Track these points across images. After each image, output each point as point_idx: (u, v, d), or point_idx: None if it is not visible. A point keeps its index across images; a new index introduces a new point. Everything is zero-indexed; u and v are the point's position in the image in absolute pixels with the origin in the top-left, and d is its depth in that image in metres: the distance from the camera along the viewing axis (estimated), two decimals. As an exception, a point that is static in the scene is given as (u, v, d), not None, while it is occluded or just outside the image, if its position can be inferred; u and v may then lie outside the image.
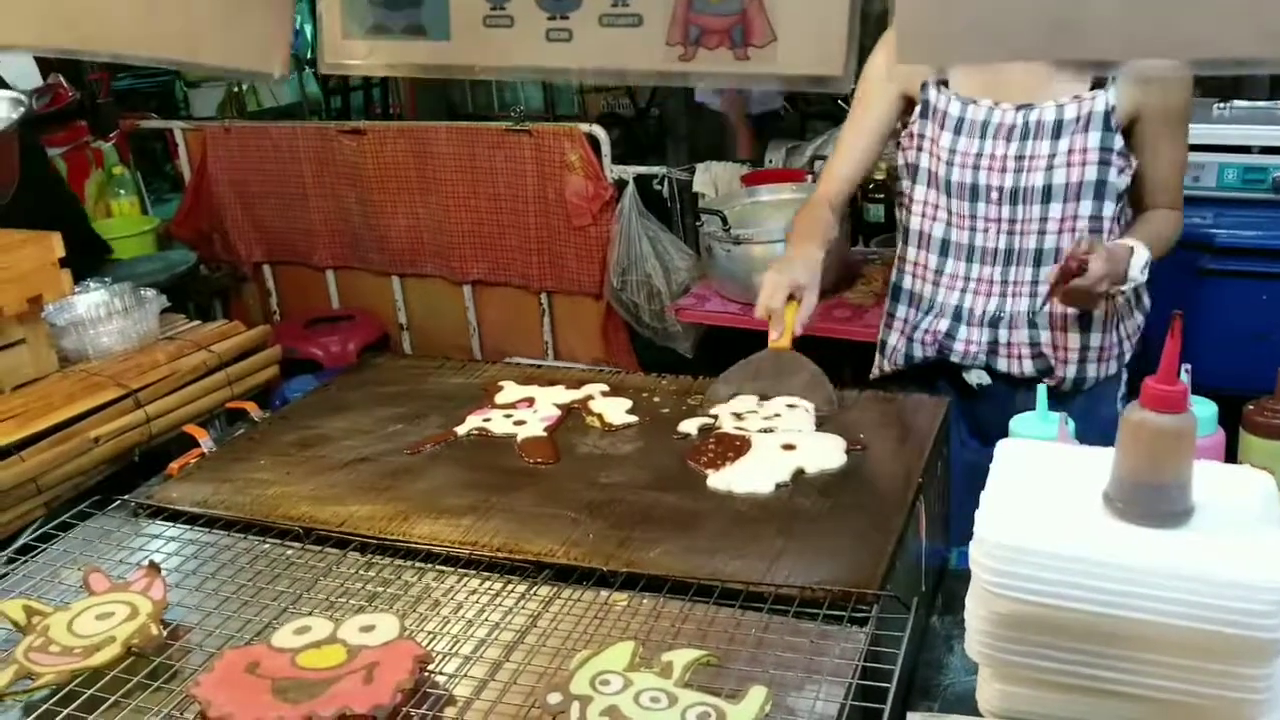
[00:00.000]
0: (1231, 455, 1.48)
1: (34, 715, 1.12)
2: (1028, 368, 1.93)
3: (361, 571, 1.35)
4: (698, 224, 3.11)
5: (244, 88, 6.60)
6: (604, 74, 0.86)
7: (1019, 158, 1.82)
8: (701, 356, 3.55)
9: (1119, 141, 1.80)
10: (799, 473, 1.50)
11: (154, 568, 1.32)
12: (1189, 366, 1.23)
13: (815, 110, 6.13)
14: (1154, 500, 1.04)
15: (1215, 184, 2.67)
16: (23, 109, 2.06)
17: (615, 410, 1.73)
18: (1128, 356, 1.98)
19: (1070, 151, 1.80)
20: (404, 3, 0.92)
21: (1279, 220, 2.58)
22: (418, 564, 1.36)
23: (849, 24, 0.75)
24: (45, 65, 4.04)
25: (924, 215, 1.95)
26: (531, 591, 1.29)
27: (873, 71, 1.96)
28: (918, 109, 1.92)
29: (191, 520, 1.51)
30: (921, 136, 1.91)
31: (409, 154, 3.83)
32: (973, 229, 1.89)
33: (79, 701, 1.13)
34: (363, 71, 0.99)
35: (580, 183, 3.57)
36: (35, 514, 1.76)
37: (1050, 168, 1.81)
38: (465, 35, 0.90)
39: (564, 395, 1.80)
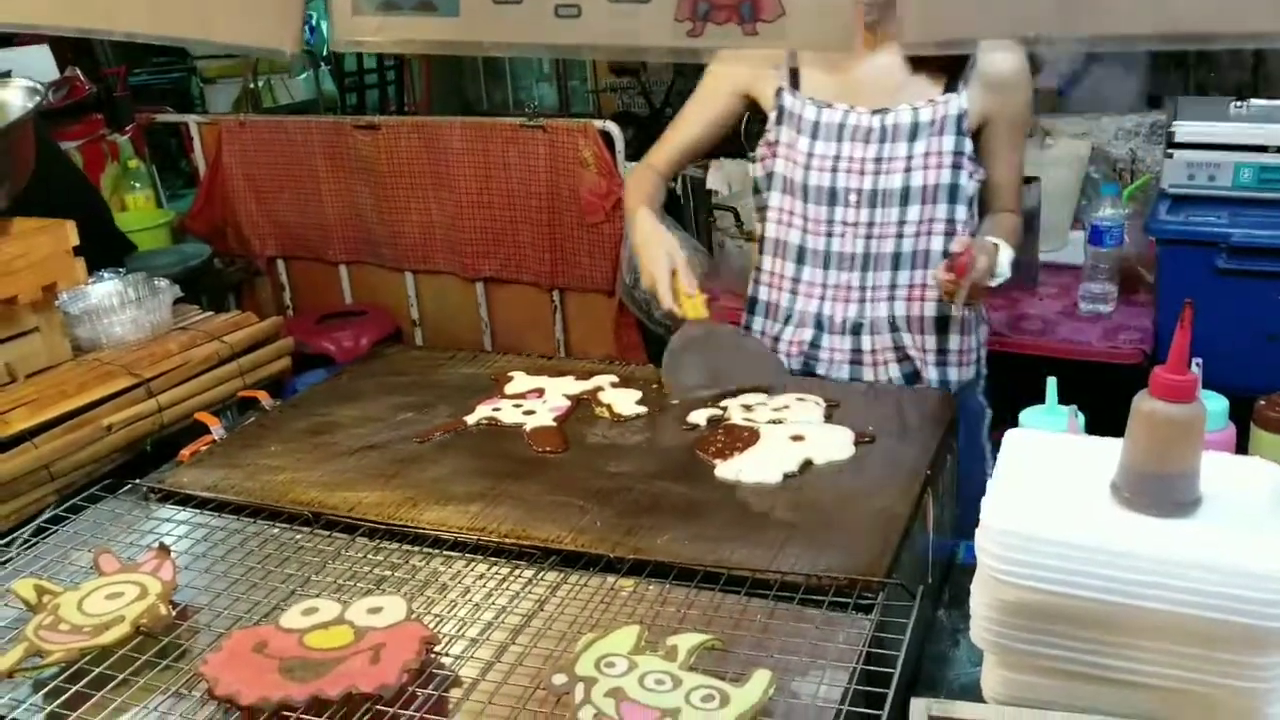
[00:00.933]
0: (1242, 452, 1.47)
1: (43, 692, 1.14)
2: (894, 373, 1.92)
3: (370, 556, 1.36)
4: (710, 221, 3.11)
5: (259, 84, 6.62)
6: (613, 50, 0.87)
7: (877, 160, 1.82)
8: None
9: (969, 146, 1.83)
10: (807, 464, 1.50)
11: (164, 549, 1.33)
12: (1199, 362, 1.23)
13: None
14: (1162, 490, 1.03)
15: (1231, 183, 2.65)
16: (38, 98, 2.07)
17: (624, 401, 1.74)
18: (983, 362, 2.03)
19: (926, 154, 1.81)
20: (414, -21, 0.93)
21: (1295, 220, 2.57)
22: (426, 549, 1.37)
23: (856, -1, 0.75)
24: (62, 59, 4.06)
25: (780, 222, 1.92)
26: (538, 576, 1.29)
27: (719, 66, 1.97)
28: (772, 116, 1.91)
29: (201, 505, 1.52)
30: (777, 143, 1.90)
31: (422, 149, 3.83)
32: (829, 234, 1.87)
33: (88, 679, 1.14)
34: (373, 49, 1.00)
35: (594, 179, 3.57)
36: (47, 500, 1.77)
37: (908, 170, 1.82)
38: (475, 12, 0.90)
39: (573, 386, 1.80)
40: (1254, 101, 2.76)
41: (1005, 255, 1.78)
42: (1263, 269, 2.56)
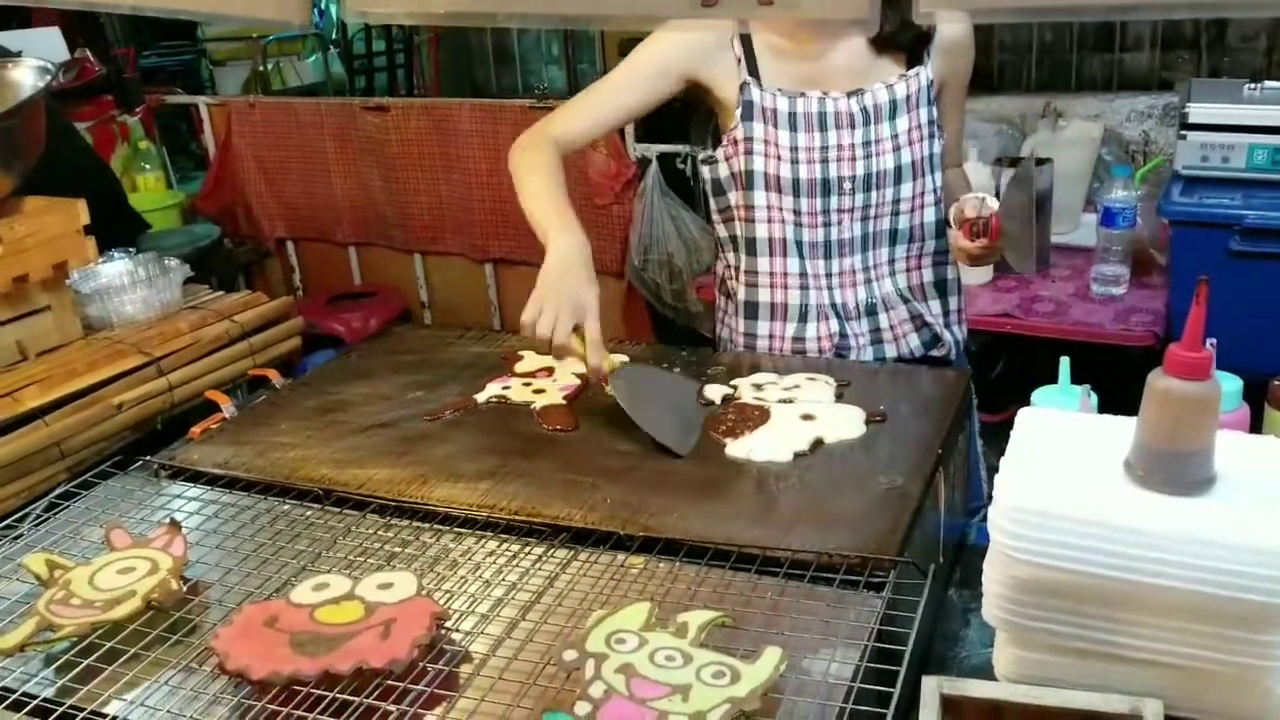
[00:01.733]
0: (1256, 433, 1.46)
1: (54, 665, 1.14)
2: (914, 343, 1.90)
3: (380, 533, 1.36)
4: (721, 203, 3.10)
5: (268, 66, 6.61)
6: (626, 20, 0.86)
7: (866, 144, 1.78)
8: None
9: (935, 113, 1.83)
10: (818, 442, 1.50)
11: (175, 525, 1.33)
12: (1214, 342, 1.22)
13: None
14: (1176, 467, 1.03)
15: (1245, 165, 2.64)
16: (49, 77, 2.07)
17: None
18: (966, 318, 2.02)
19: (910, 130, 1.80)
20: (426, -52, 0.92)
21: (1310, 202, 2.55)
22: (436, 526, 1.37)
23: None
24: (72, 40, 4.07)
25: (769, 221, 1.84)
26: (549, 554, 1.29)
27: (654, 46, 1.81)
28: (737, 112, 1.80)
29: (212, 481, 1.52)
30: (749, 140, 1.80)
31: (432, 131, 3.83)
32: (826, 224, 1.82)
33: (99, 653, 1.14)
34: (385, 20, 0.98)
35: (603, 161, 3.56)
36: (59, 478, 1.78)
37: (897, 148, 1.79)
38: (488, -18, 0.89)
39: (583, 366, 1.79)
40: (1268, 84, 2.74)
41: (992, 204, 1.77)
42: (1276, 251, 2.54)
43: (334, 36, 7.73)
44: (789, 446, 1.48)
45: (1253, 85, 2.72)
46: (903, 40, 1.78)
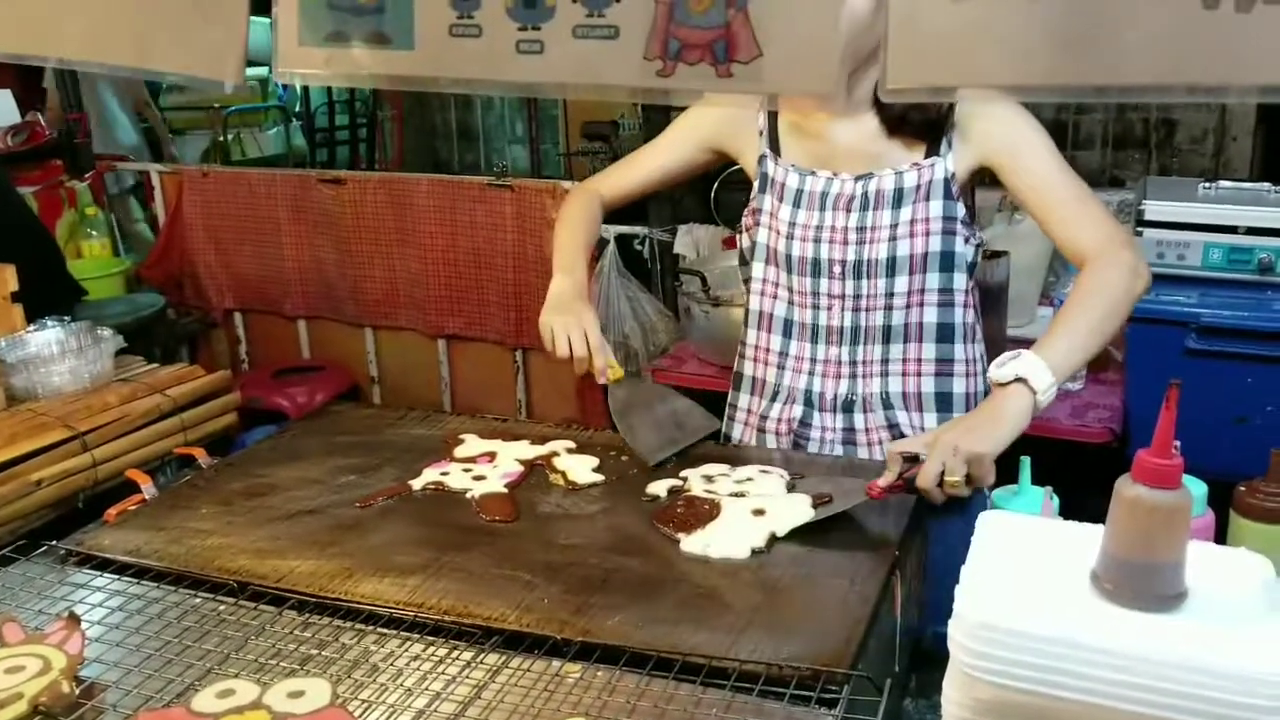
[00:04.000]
0: (1220, 540, 1.42)
1: (-79, 779, 1.03)
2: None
3: (297, 632, 1.26)
4: (677, 285, 3.07)
5: (228, 137, 6.58)
6: (577, 89, 0.81)
7: (860, 229, 1.73)
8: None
9: (961, 210, 1.72)
10: (772, 538, 1.43)
11: (74, 619, 1.23)
12: (1178, 444, 1.18)
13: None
14: (1146, 581, 0.97)
15: (1200, 263, 2.64)
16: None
17: (581, 468, 1.66)
18: None
19: (912, 221, 1.70)
20: (366, 9, 0.87)
21: (1264, 302, 2.55)
22: (358, 625, 1.27)
23: (840, 38, 0.69)
24: (25, 104, 4.00)
25: (764, 294, 1.83)
26: (478, 659, 1.20)
27: (691, 117, 1.92)
28: (755, 184, 1.84)
29: (121, 570, 1.42)
30: (759, 211, 1.83)
31: (388, 205, 3.78)
32: (816, 306, 1.78)
33: (-27, 765, 1.03)
34: (320, 81, 0.94)
35: (560, 240, 3.53)
36: (-31, 558, 1.67)
37: (894, 239, 1.71)
38: (431, 45, 0.84)
39: (527, 451, 1.72)
40: (1222, 183, 2.76)
41: (1041, 381, 1.49)
42: (1232, 350, 2.54)
43: (297, 109, 7.73)
44: (746, 542, 1.41)
45: (1207, 184, 2.74)
46: (914, 122, 1.70)
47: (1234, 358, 2.53)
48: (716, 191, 3.53)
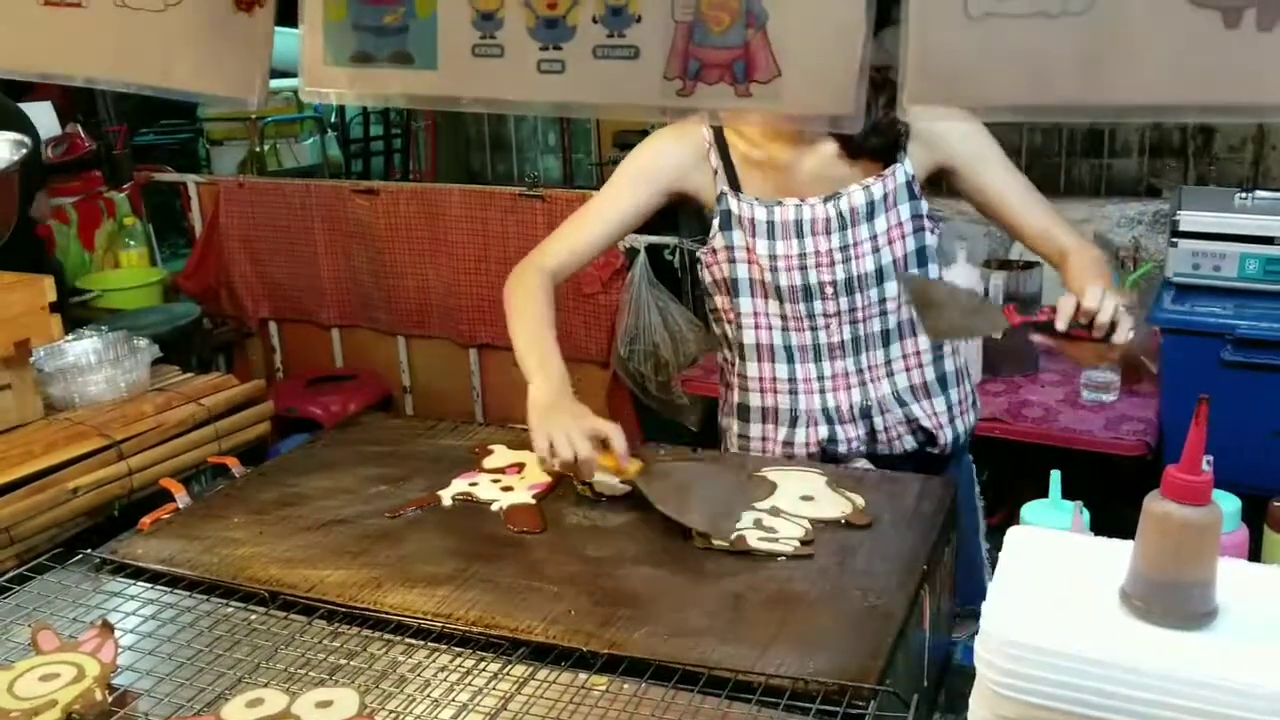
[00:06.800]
0: (1254, 555, 1.40)
1: (-42, 784, 1.04)
2: (909, 445, 1.87)
3: (326, 641, 1.27)
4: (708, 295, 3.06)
5: (264, 147, 6.65)
6: (598, 109, 0.81)
7: (844, 247, 1.76)
8: (707, 430, 3.48)
9: (925, 205, 1.79)
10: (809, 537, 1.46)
11: (107, 627, 1.25)
12: (1210, 459, 1.16)
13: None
14: (1176, 599, 0.96)
15: (1237, 274, 2.61)
16: (25, 150, 2.04)
17: (608, 480, 1.66)
18: (978, 406, 1.98)
19: (889, 229, 1.77)
20: (389, 29, 0.88)
21: (1302, 313, 2.52)
22: (387, 635, 1.28)
23: (860, 59, 0.69)
24: (64, 115, 4.07)
25: (757, 327, 1.84)
26: (505, 670, 1.20)
27: (642, 163, 1.85)
28: (715, 221, 1.81)
29: (155, 579, 1.44)
30: (730, 248, 1.80)
31: (421, 215, 3.81)
32: (813, 328, 1.80)
33: (9, 771, 1.05)
34: (345, 101, 0.95)
35: (591, 250, 3.54)
36: (7, 565, 1.69)
37: (876, 249, 1.76)
38: (454, 65, 0.85)
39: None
40: (1259, 193, 2.73)
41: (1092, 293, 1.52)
42: (1269, 362, 2.50)
43: (332, 120, 7.81)
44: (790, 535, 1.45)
45: (1244, 194, 2.71)
46: (873, 147, 1.74)
47: (1271, 370, 2.49)
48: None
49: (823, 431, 1.83)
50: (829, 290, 1.77)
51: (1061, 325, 1.50)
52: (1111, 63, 0.58)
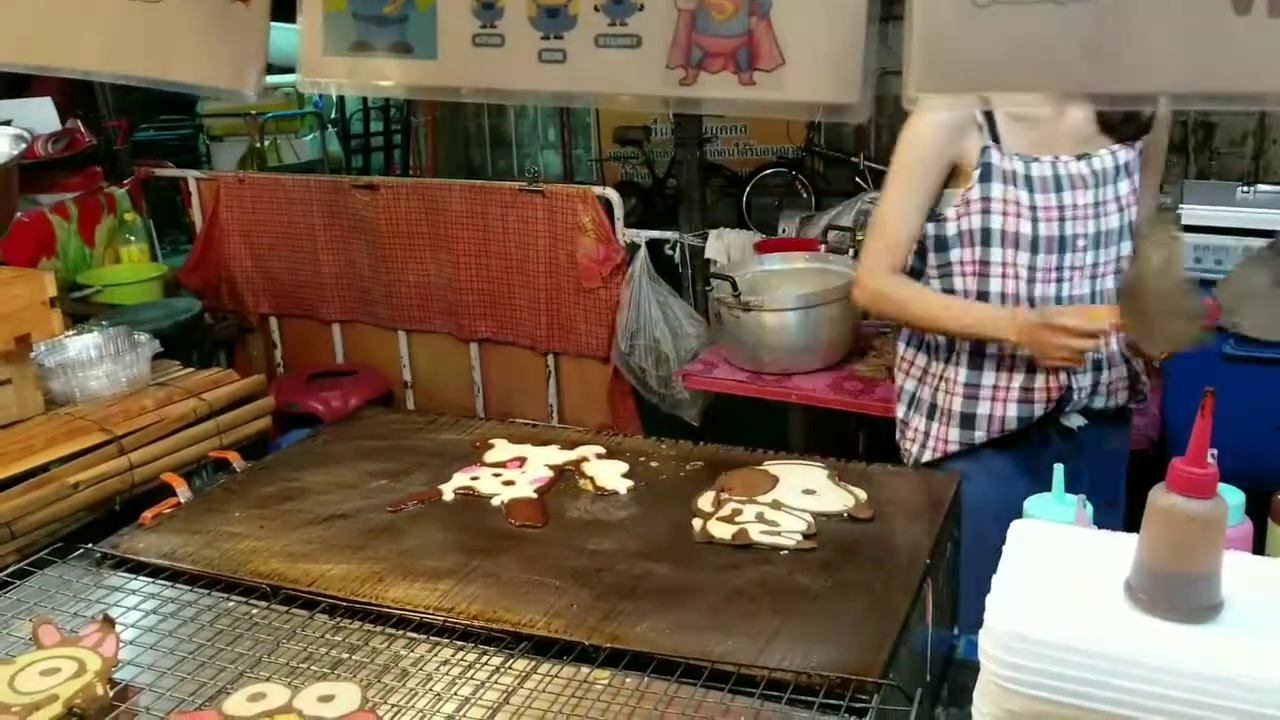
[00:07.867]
0: (1258, 549, 1.39)
1: (-40, 778, 1.04)
2: (1122, 399, 2.00)
3: (328, 635, 1.27)
4: (708, 290, 3.06)
5: (264, 143, 6.65)
6: (599, 99, 0.81)
7: (1097, 204, 1.89)
8: (708, 424, 3.48)
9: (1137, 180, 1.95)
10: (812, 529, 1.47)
11: (108, 622, 1.25)
12: (1215, 453, 1.16)
13: (834, 189, 6.15)
14: (1180, 592, 0.96)
15: (1239, 268, 2.60)
16: (24, 145, 2.03)
17: (610, 474, 1.66)
18: None
19: (1129, 193, 1.91)
20: (389, 19, 0.87)
21: (1305, 306, 2.51)
22: (388, 629, 1.28)
23: (865, 48, 0.69)
24: (64, 111, 4.06)
25: (1005, 276, 1.90)
26: (507, 664, 1.20)
27: (924, 143, 1.89)
28: (976, 173, 1.87)
29: (156, 573, 1.43)
30: (986, 199, 1.88)
31: (421, 210, 3.81)
32: (1059, 280, 1.90)
33: (10, 765, 1.04)
34: (344, 91, 0.94)
35: (592, 245, 3.54)
36: (8, 560, 1.69)
37: (1121, 209, 1.90)
38: (454, 54, 0.84)
39: (557, 456, 1.72)
40: (1261, 187, 2.72)
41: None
42: (1271, 356, 2.50)
43: (332, 116, 7.81)
44: (793, 528, 1.45)
45: (1245, 188, 2.71)
46: (1125, 132, 1.90)
47: (1273, 364, 2.50)
48: (749, 196, 3.53)
49: (1063, 378, 1.92)
50: (1080, 243, 1.88)
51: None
52: (1119, 49, 0.57)
